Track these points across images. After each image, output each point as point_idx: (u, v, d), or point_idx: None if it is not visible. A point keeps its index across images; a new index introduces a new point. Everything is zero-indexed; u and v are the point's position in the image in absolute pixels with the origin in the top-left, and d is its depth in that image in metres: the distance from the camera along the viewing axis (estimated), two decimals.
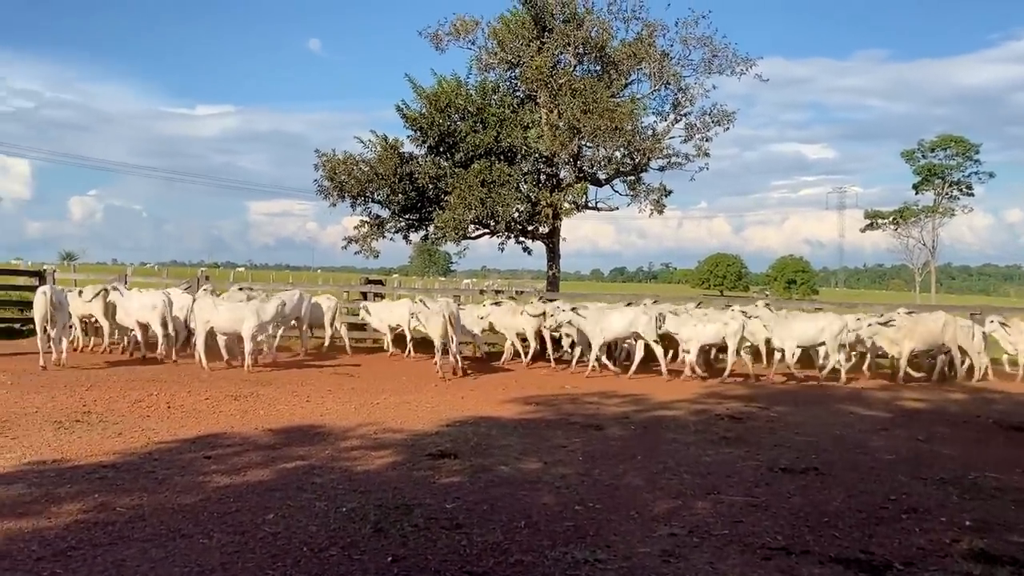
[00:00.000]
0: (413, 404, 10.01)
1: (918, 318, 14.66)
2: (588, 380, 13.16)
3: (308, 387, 11.16)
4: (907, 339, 14.17)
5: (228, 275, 54.02)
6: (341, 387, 11.33)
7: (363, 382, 12.03)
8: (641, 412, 9.97)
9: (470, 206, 17.68)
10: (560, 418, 9.33)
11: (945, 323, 14.28)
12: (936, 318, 14.55)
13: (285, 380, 11.81)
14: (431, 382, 12.32)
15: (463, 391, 11.38)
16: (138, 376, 11.47)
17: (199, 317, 12.99)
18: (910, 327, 14.28)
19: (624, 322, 13.86)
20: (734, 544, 4.99)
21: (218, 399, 9.69)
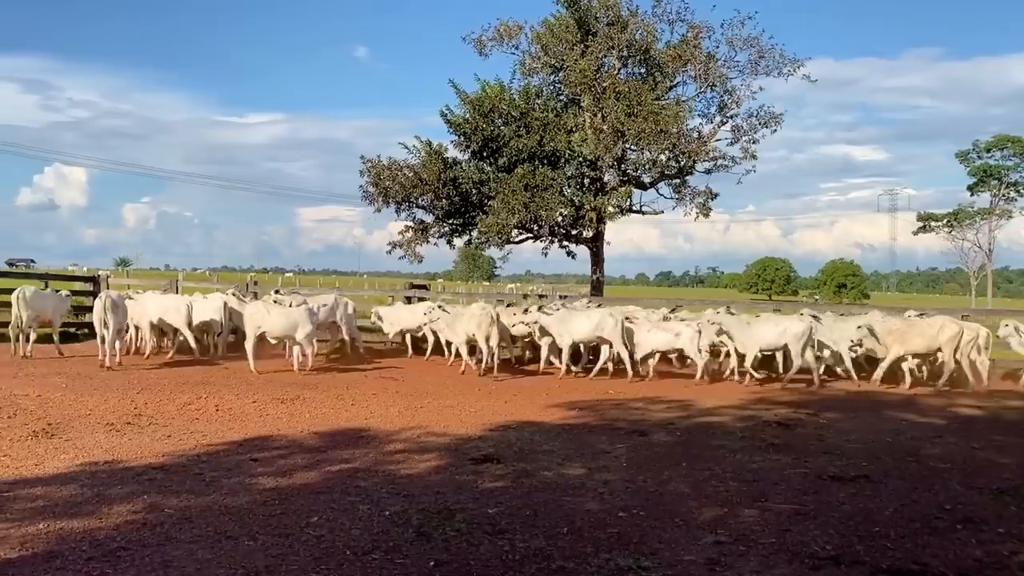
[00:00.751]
0: (456, 408, 10.02)
1: (912, 322, 13.99)
2: (632, 386, 13.06)
3: (353, 391, 11.25)
4: (897, 343, 13.50)
5: (277, 280, 54.94)
6: (385, 391, 11.40)
7: (406, 386, 12.09)
8: (687, 418, 9.85)
9: (514, 211, 17.75)
10: (604, 423, 9.26)
11: (941, 327, 13.41)
12: (931, 323, 13.76)
13: (330, 384, 11.92)
14: (474, 386, 12.33)
15: (506, 396, 11.36)
16: (187, 379, 11.67)
17: (251, 322, 13.18)
18: (902, 331, 13.62)
19: (590, 325, 13.75)
20: (782, 553, 4.89)
21: (265, 402, 9.82)
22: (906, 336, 13.43)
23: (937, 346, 13.33)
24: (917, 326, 13.60)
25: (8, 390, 9.83)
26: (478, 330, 13.54)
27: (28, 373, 11.54)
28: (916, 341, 13.33)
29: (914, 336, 13.36)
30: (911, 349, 13.44)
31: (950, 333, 13.23)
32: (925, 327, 13.44)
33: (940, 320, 13.70)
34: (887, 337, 13.54)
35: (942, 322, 13.53)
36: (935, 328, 13.32)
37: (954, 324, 13.44)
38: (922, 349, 13.43)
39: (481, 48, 20.10)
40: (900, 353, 13.45)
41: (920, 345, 13.35)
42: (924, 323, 13.66)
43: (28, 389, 9.98)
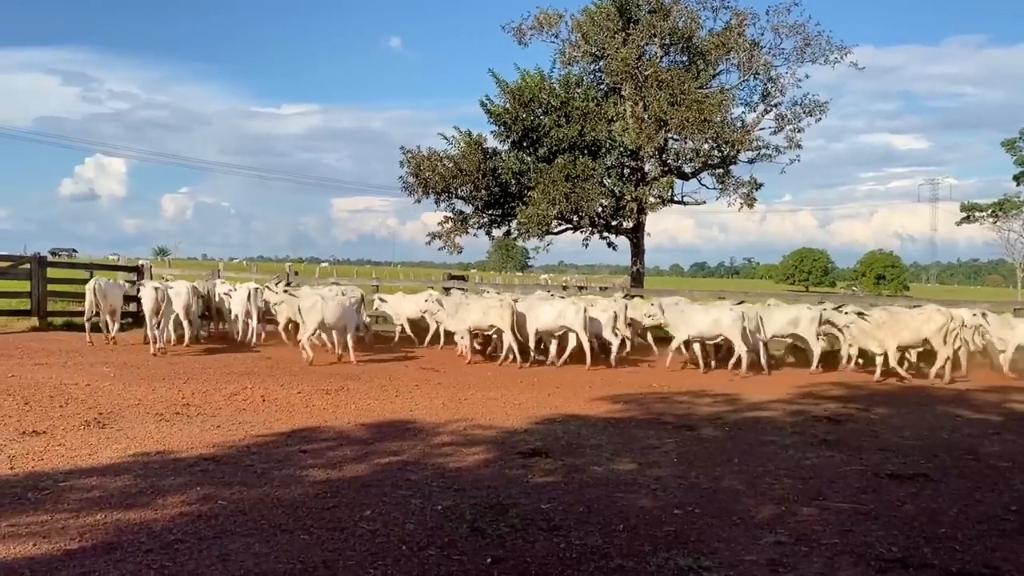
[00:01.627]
0: (500, 400, 9.97)
1: (896, 312, 13.81)
2: (676, 379, 12.91)
3: (396, 382, 11.25)
4: (889, 336, 13.34)
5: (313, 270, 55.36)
6: (427, 382, 11.38)
7: (448, 377, 12.06)
8: (734, 412, 9.70)
9: (554, 201, 17.63)
10: (651, 418, 9.15)
11: (928, 318, 13.25)
12: (913, 313, 13.64)
13: (372, 374, 11.93)
14: (516, 378, 12.27)
15: (548, 388, 11.29)
16: (232, 369, 11.76)
17: (311, 314, 13.24)
18: (890, 324, 13.42)
19: (553, 314, 13.76)
20: (846, 555, 4.76)
21: (310, 393, 9.84)
22: (894, 328, 13.34)
23: (923, 337, 13.26)
24: (902, 318, 13.51)
25: (59, 379, 9.96)
26: (500, 320, 13.64)
27: (77, 362, 11.69)
28: (903, 333, 13.28)
29: (901, 328, 13.31)
30: (902, 341, 13.37)
31: (937, 324, 13.13)
32: (909, 318, 13.40)
33: (927, 310, 13.59)
34: (877, 331, 13.40)
35: (928, 313, 13.43)
36: (919, 320, 13.27)
37: (939, 314, 13.35)
38: (908, 341, 13.39)
39: (521, 37, 19.96)
40: (894, 345, 13.34)
41: (907, 337, 13.32)
42: (909, 314, 13.60)
43: (78, 378, 10.11)
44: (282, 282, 16.97)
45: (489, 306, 13.95)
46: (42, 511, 4.95)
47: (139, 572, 4.06)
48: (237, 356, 13.56)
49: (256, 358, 13.37)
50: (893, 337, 13.27)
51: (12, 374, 10.20)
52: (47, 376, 10.16)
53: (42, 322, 16.55)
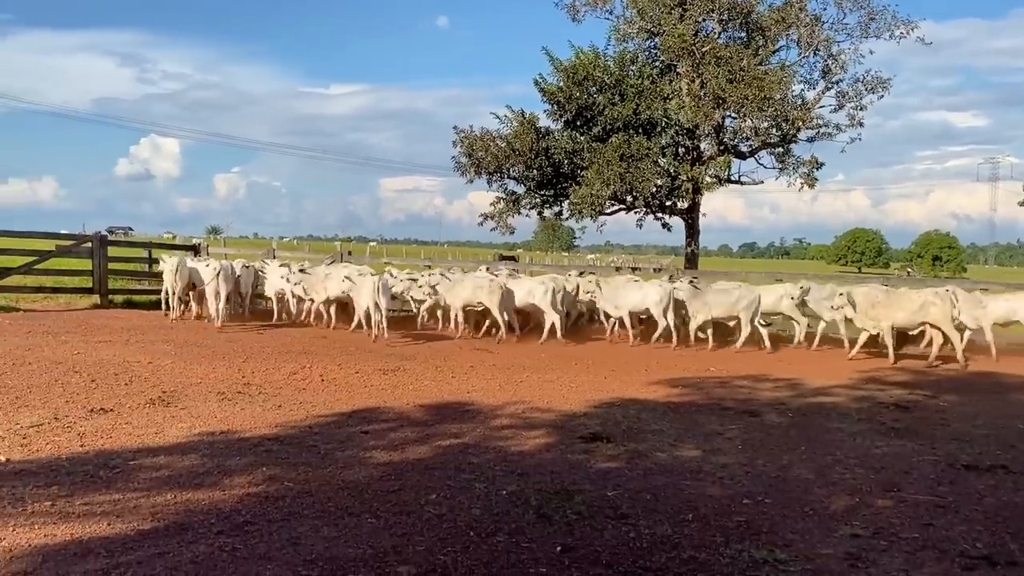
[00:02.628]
0: (556, 383, 9.89)
1: (894, 292, 13.60)
2: (735, 363, 12.69)
3: (451, 362, 11.24)
4: (883, 316, 13.13)
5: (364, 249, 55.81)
6: (482, 363, 11.34)
7: (503, 359, 12.01)
8: (797, 398, 9.49)
9: (608, 181, 17.42)
10: (711, 403, 8.99)
11: (923, 304, 12.98)
12: (912, 295, 13.39)
13: (428, 355, 11.94)
14: (571, 360, 12.18)
15: (604, 371, 11.18)
16: (289, 348, 11.86)
17: (366, 293, 13.51)
18: (885, 304, 13.20)
19: (522, 292, 13.94)
20: (928, 550, 4.59)
21: (368, 373, 9.87)
22: (888, 309, 13.16)
23: (920, 320, 13.12)
24: (899, 299, 13.32)
25: (122, 357, 10.14)
26: (488, 298, 13.86)
27: (138, 340, 11.89)
28: (898, 314, 13.09)
29: (896, 309, 13.12)
30: (897, 322, 13.18)
31: (940, 311, 12.87)
32: (906, 301, 13.18)
33: (925, 294, 13.29)
34: (872, 310, 13.22)
35: (926, 297, 13.13)
36: (917, 303, 13.03)
37: (941, 301, 13.00)
38: (903, 323, 13.19)
39: (574, 14, 19.71)
40: (887, 327, 13.17)
41: (901, 318, 13.12)
42: (905, 296, 13.35)
43: (140, 356, 10.27)
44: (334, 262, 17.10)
45: (478, 284, 14.20)
46: (114, 490, 5.01)
47: (212, 554, 4.07)
48: (292, 335, 13.68)
49: (312, 337, 13.47)
50: (887, 317, 13.11)
51: (78, 351, 10.41)
52: (111, 354, 10.35)
53: (103, 300, 16.89)
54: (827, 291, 14.59)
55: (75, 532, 4.28)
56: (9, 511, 4.56)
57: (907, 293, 13.51)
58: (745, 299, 13.86)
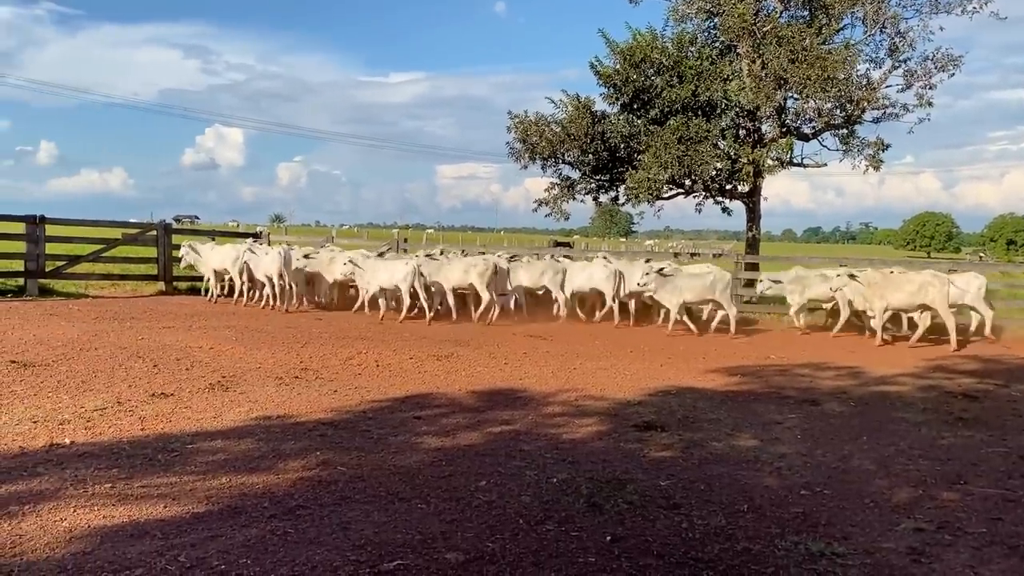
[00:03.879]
0: (611, 371, 9.81)
1: (889, 276, 13.35)
2: (796, 350, 12.45)
3: (504, 349, 11.24)
4: (877, 297, 13.07)
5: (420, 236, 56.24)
6: (536, 350, 11.31)
7: (557, 345, 11.97)
8: (860, 387, 9.24)
9: (666, 165, 17.14)
10: (771, 391, 8.81)
11: (921, 285, 12.81)
12: (910, 276, 13.21)
13: (481, 341, 11.96)
14: (626, 347, 12.08)
15: (661, 358, 11.05)
16: (346, 334, 12.00)
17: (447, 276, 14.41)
18: (881, 285, 13.09)
19: (458, 273, 14.35)
20: (995, 545, 4.41)
21: (422, 359, 9.93)
22: (886, 290, 13.03)
23: (918, 303, 12.99)
24: (897, 280, 13.15)
25: (184, 342, 10.38)
26: (479, 280, 14.17)
27: (201, 326, 12.17)
28: (894, 296, 12.98)
29: (893, 290, 12.98)
30: (894, 303, 13.08)
31: (938, 293, 12.71)
32: (903, 282, 13.01)
33: (923, 276, 13.09)
34: (867, 291, 13.15)
35: (924, 279, 12.94)
36: (915, 284, 12.88)
37: (940, 282, 12.81)
38: (900, 304, 13.15)
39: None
40: (882, 307, 13.08)
41: (900, 300, 12.99)
42: (904, 278, 13.15)
43: (202, 341, 10.50)
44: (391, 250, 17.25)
45: (470, 265, 14.38)
46: (171, 473, 5.12)
47: (263, 537, 4.13)
48: (351, 320, 13.85)
49: (369, 323, 13.62)
50: (881, 298, 13.02)
51: (142, 337, 10.70)
52: (173, 339, 10.61)
53: (168, 286, 17.38)
54: (791, 275, 14.93)
55: (132, 514, 4.38)
56: (71, 492, 4.69)
57: (906, 274, 13.40)
58: (720, 283, 13.81)
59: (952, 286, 13.18)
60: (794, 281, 14.81)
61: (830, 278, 14.08)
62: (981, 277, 14.15)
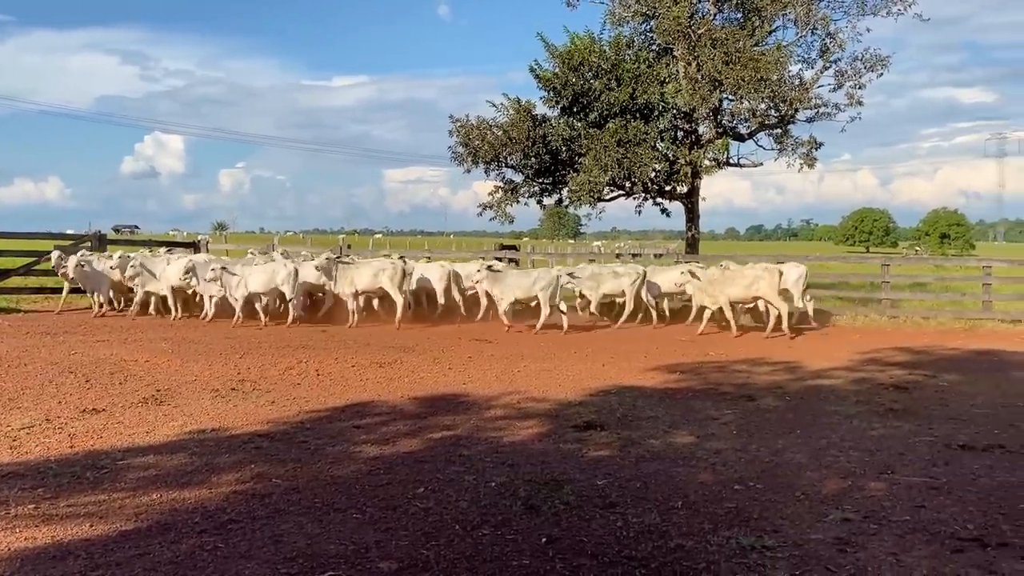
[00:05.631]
0: (554, 372, 9.86)
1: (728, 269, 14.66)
2: (735, 347, 12.65)
3: (449, 354, 11.22)
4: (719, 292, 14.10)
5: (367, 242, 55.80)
6: (481, 354, 11.32)
7: (502, 348, 11.99)
8: (796, 381, 9.44)
9: (605, 167, 17.33)
10: (708, 388, 8.95)
11: (756, 278, 13.90)
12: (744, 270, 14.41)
13: (426, 346, 11.92)
14: (569, 349, 12.15)
15: (603, 358, 11.14)
16: (288, 343, 11.85)
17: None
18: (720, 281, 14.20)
19: (368, 277, 14.30)
20: (918, 532, 4.54)
21: (364, 366, 9.86)
22: (724, 285, 14.09)
23: (753, 295, 14.05)
24: (733, 275, 14.27)
25: (118, 356, 10.13)
26: (389, 283, 14.20)
27: (137, 339, 11.90)
28: (732, 289, 14.01)
29: (730, 285, 14.05)
30: (732, 297, 14.08)
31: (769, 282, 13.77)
32: (739, 277, 14.09)
33: (756, 269, 14.26)
34: (709, 287, 14.16)
35: (757, 272, 14.07)
36: (749, 278, 13.94)
37: (769, 275, 13.88)
38: (738, 297, 14.14)
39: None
40: (725, 302, 14.08)
41: (736, 293, 14.06)
42: (739, 273, 14.26)
43: (137, 355, 10.27)
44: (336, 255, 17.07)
45: (380, 268, 14.39)
46: (100, 491, 5.00)
47: (193, 553, 4.05)
48: (293, 329, 13.69)
49: (312, 331, 13.47)
50: (723, 292, 14.01)
51: (74, 351, 10.42)
52: (108, 353, 10.35)
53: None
54: (587, 272, 15.57)
55: (56, 535, 4.26)
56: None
57: (740, 270, 14.46)
58: (542, 280, 14.27)
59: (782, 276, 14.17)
60: (590, 278, 15.42)
61: (621, 275, 15.21)
62: (800, 268, 15.13)
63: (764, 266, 14.45)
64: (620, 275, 15.29)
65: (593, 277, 15.43)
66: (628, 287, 15.10)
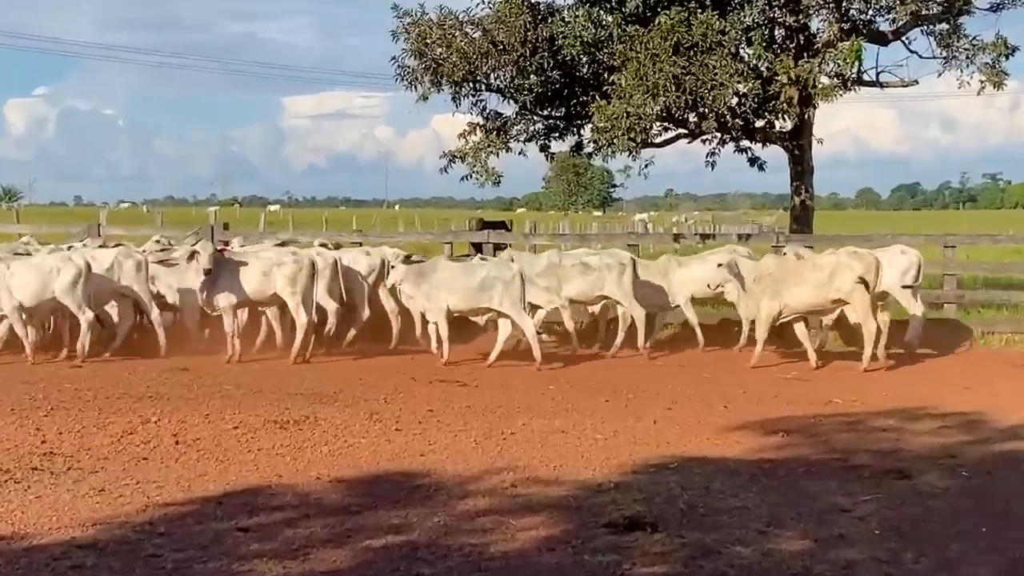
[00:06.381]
0: (572, 433, 9.90)
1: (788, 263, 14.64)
2: (871, 388, 12.72)
3: (397, 405, 11.28)
4: (765, 296, 14.01)
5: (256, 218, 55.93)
6: (449, 404, 11.36)
7: (484, 395, 12.08)
8: (977, 445, 9.53)
9: (656, 89, 17.29)
10: (832, 457, 9.02)
11: (834, 270, 13.78)
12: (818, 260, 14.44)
13: (357, 392, 12.01)
14: (596, 394, 12.21)
15: (655, 410, 11.19)
16: (126, 390, 11.89)
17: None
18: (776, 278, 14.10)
19: (255, 278, 14.64)
20: None
21: (254, 427, 9.88)
22: (783, 284, 13.95)
23: (833, 297, 13.88)
24: (799, 266, 14.28)
25: None
26: (286, 289, 14.46)
27: None
28: (798, 291, 13.84)
29: (793, 283, 13.89)
30: (796, 302, 13.94)
31: (854, 277, 13.57)
32: (807, 268, 14.09)
33: (838, 256, 14.11)
34: (761, 287, 14.07)
35: (840, 259, 13.90)
36: (825, 270, 13.81)
37: (858, 262, 13.73)
38: (807, 302, 14.03)
39: None
40: (775, 310, 13.86)
41: (803, 297, 13.88)
42: (809, 263, 14.34)
43: None
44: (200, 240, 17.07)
45: (275, 264, 14.68)
46: None
47: None
48: (134, 367, 13.70)
49: (166, 371, 13.47)
50: (772, 297, 13.86)
51: None
52: None
53: None
54: (541, 265, 15.73)
55: None
56: None
57: (812, 259, 14.48)
58: (495, 278, 14.41)
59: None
60: (544, 274, 15.43)
61: (592, 267, 15.35)
62: (909, 254, 15.31)
63: (851, 251, 14.26)
64: (593, 268, 15.36)
65: (550, 273, 15.46)
66: (611, 286, 15.11)
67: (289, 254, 14.90)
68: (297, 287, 14.36)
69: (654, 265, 16.50)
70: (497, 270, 14.67)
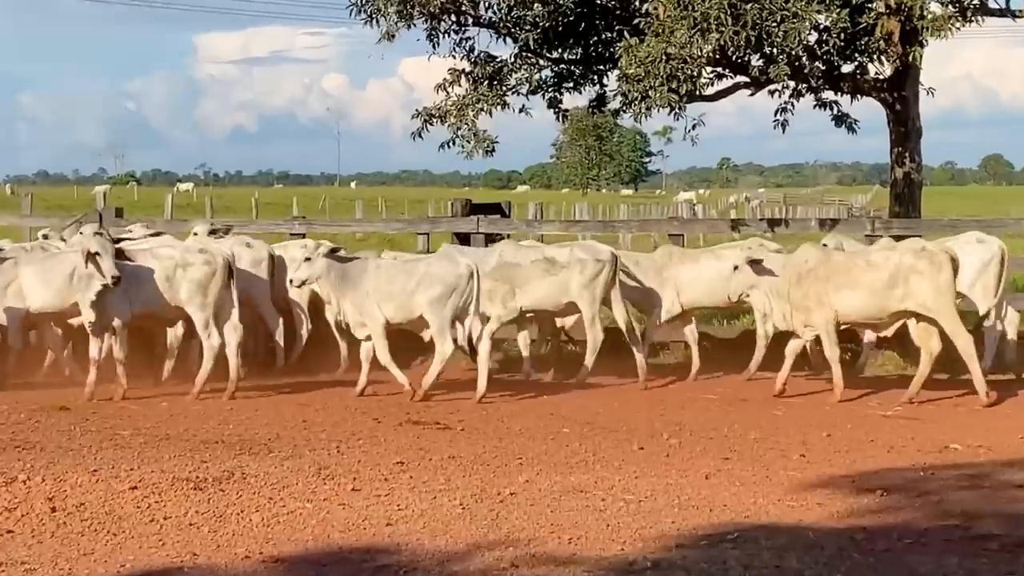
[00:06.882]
0: (594, 494, 9.91)
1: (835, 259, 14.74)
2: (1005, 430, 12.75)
3: (354, 455, 11.28)
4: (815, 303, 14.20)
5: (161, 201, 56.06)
6: (425, 456, 11.39)
7: (472, 440, 12.10)
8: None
9: (705, 24, 17.36)
10: (947, 524, 9.02)
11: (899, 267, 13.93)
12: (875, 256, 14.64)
13: (301, 439, 12.00)
14: (629, 441, 12.21)
15: (706, 459, 11.21)
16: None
17: None
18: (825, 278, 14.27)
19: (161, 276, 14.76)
20: None
21: (160, 487, 9.89)
22: (828, 286, 14.12)
23: (897, 307, 14.14)
24: (847, 264, 14.45)
25: None
26: (193, 300, 14.56)
27: None
28: (850, 297, 14.07)
29: (843, 286, 14.07)
30: (848, 310, 14.24)
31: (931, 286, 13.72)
32: (858, 268, 14.27)
33: (901, 253, 14.35)
34: (798, 289, 14.29)
35: (903, 257, 14.12)
36: (886, 269, 14.00)
37: (927, 261, 13.86)
38: (859, 311, 14.25)
39: None
40: (831, 317, 14.16)
41: (855, 304, 14.14)
42: (862, 259, 14.56)
43: None
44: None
45: (180, 264, 14.78)
46: None
47: None
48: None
49: (37, 411, 13.49)
50: (818, 303, 14.07)
51: None
52: None
53: None
54: (491, 264, 15.80)
55: None
56: None
57: (866, 253, 14.86)
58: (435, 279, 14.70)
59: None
60: (497, 274, 15.65)
61: (560, 264, 15.58)
62: (989, 243, 15.50)
63: (918, 246, 14.46)
64: (562, 266, 15.54)
65: (503, 275, 15.63)
66: (579, 290, 15.35)
67: (197, 251, 14.94)
68: (208, 296, 14.43)
69: (646, 260, 16.73)
70: (445, 265, 14.79)
